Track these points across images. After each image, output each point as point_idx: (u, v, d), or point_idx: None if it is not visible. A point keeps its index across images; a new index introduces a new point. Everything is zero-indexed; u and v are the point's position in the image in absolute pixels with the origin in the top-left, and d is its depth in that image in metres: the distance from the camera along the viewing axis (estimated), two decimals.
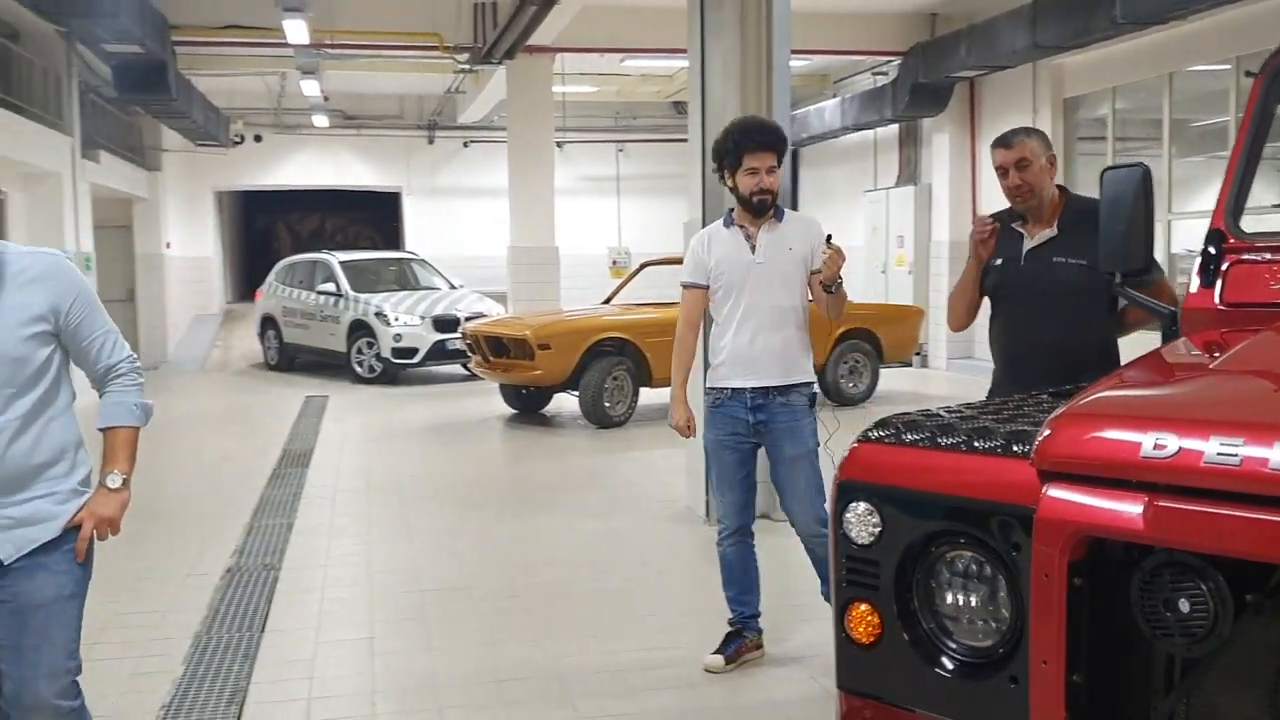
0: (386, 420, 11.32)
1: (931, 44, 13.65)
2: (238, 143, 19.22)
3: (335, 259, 15.59)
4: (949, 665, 1.85)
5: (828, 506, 2.02)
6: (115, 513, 2.83)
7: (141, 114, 15.68)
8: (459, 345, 12.55)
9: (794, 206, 20.54)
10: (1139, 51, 11.39)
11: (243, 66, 15.17)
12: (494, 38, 12.66)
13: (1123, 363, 3.51)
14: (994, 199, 14.38)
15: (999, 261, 3.89)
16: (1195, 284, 2.63)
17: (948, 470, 1.85)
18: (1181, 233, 11.15)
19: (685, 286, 4.39)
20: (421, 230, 20.77)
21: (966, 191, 14.65)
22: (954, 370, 14.18)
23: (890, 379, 12.31)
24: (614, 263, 19.87)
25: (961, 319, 4.02)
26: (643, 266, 12.04)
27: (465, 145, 20.43)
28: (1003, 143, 3.83)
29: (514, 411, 11.42)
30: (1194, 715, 1.66)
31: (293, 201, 28.04)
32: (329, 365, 15.10)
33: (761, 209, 4.18)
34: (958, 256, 14.69)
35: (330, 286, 15.05)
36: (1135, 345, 3.41)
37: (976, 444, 1.85)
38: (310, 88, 15.53)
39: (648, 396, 10.77)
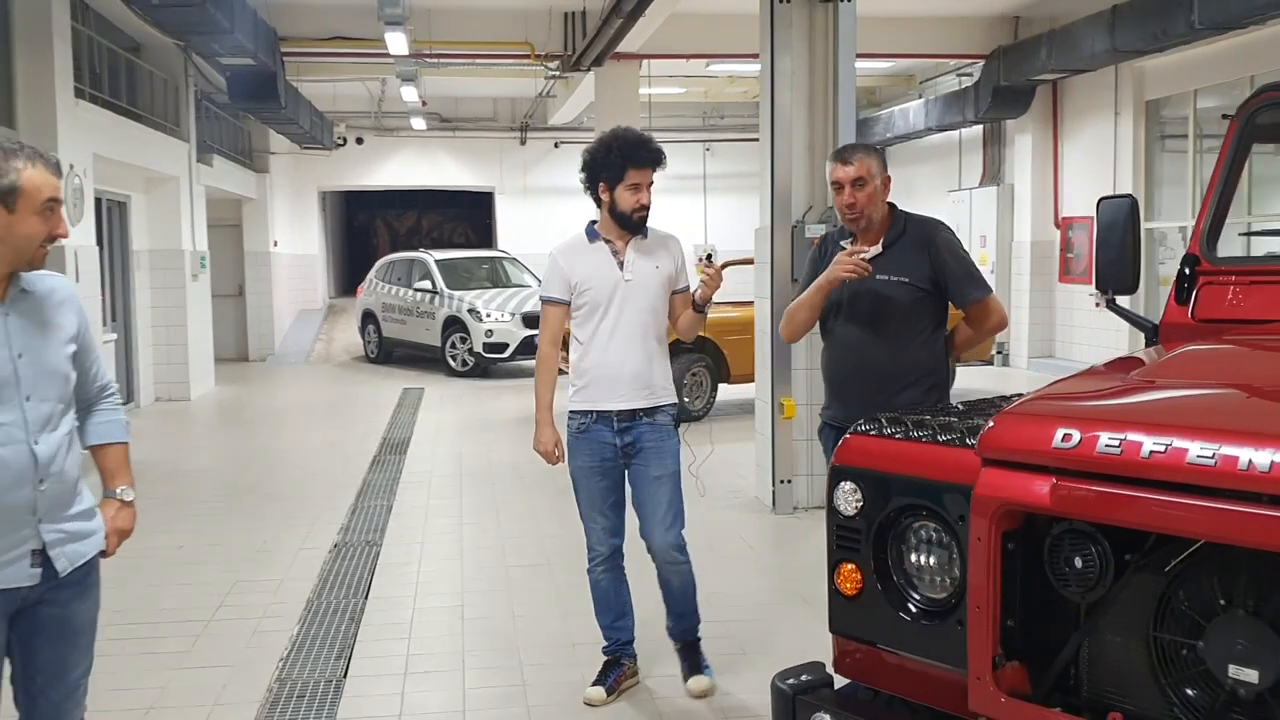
0: (477, 411, 11.92)
1: (1013, 47, 13.80)
2: (340, 145, 20.05)
3: (431, 257, 16.31)
4: (913, 612, 2.28)
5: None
6: (132, 525, 2.88)
7: (251, 119, 16.56)
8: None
9: None
10: (1221, 54, 11.45)
11: (346, 73, 15.91)
12: (583, 46, 13.16)
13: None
14: (1076, 201, 14.51)
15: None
16: (1171, 302, 2.99)
17: (914, 457, 2.27)
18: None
19: (545, 301, 4.16)
20: (513, 228, 21.40)
21: (1049, 192, 14.78)
22: (1035, 369, 14.32)
23: (969, 378, 12.53)
24: (699, 260, 20.29)
25: (799, 332, 3.98)
26: (724, 266, 12.45)
27: (556, 146, 21.01)
28: (840, 158, 3.80)
29: None
30: (1093, 649, 2.07)
31: (391, 200, 29.01)
32: (424, 359, 15.80)
33: (639, 226, 4.03)
34: (1040, 256, 14.85)
35: (426, 284, 15.77)
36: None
37: (939, 437, 2.28)
38: (409, 93, 16.22)
39: (726, 392, 11.19)
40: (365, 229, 31.61)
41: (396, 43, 12.12)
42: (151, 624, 5.07)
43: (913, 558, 2.29)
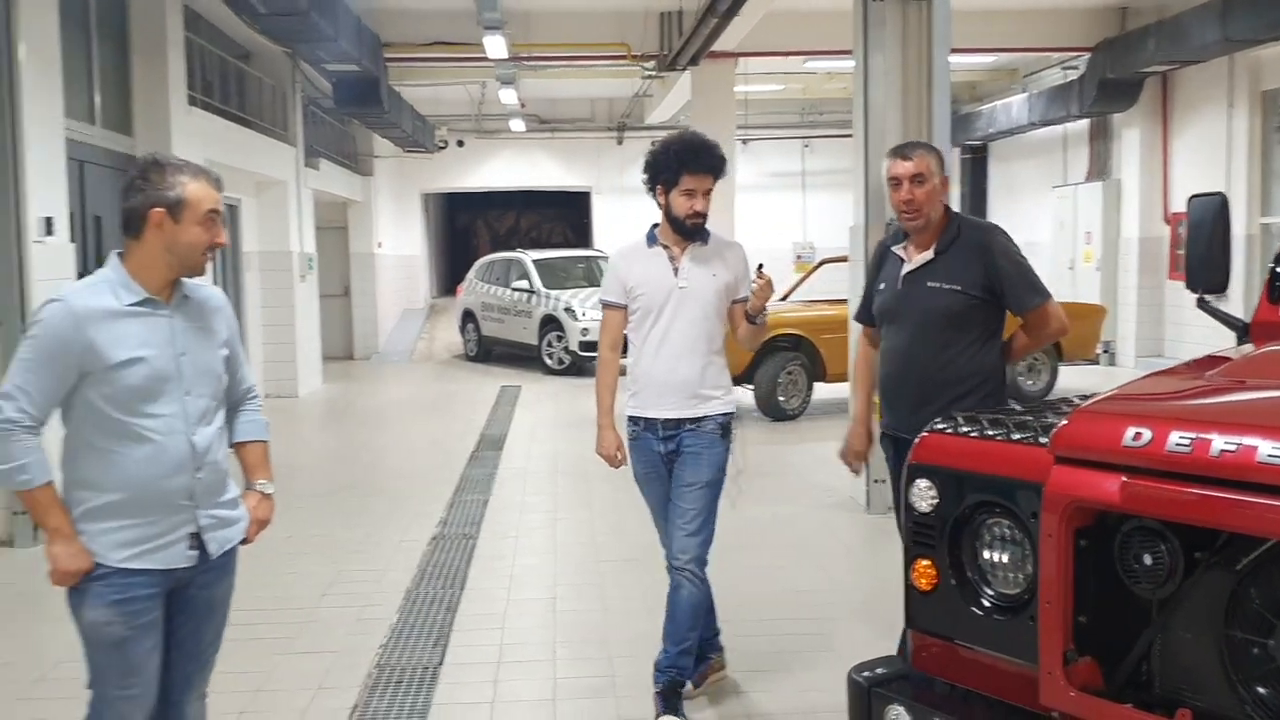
0: (573, 409, 12.08)
1: (1119, 39, 13.49)
2: (442, 148, 20.43)
3: (529, 257, 16.55)
4: (987, 607, 2.30)
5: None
6: (271, 515, 3.10)
7: (356, 124, 16.99)
8: None
9: (983, 203, 20.39)
10: None
11: (446, 77, 16.23)
12: (679, 46, 13.23)
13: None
14: (1186, 196, 14.11)
15: (881, 285, 3.89)
16: (1264, 300, 2.94)
17: (989, 455, 2.30)
18: None
19: (604, 305, 4.13)
20: (609, 228, 21.56)
21: (1158, 188, 14.39)
22: (1143, 368, 13.99)
23: (1074, 376, 12.30)
24: (798, 257, 20.20)
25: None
26: (821, 264, 12.42)
27: (652, 145, 21.13)
28: (899, 153, 3.74)
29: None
30: (1165, 646, 2.07)
31: (491, 201, 29.44)
32: (522, 357, 16.05)
33: (693, 233, 3.95)
34: (1147, 253, 14.47)
35: (524, 283, 16.01)
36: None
37: (1013, 435, 2.30)
38: (508, 96, 16.48)
39: (822, 391, 11.16)
40: (466, 230, 32.13)
41: (495, 47, 12.34)
42: (260, 610, 5.28)
43: (986, 554, 2.32)
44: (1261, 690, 1.93)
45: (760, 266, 3.88)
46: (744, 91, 16.03)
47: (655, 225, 4.08)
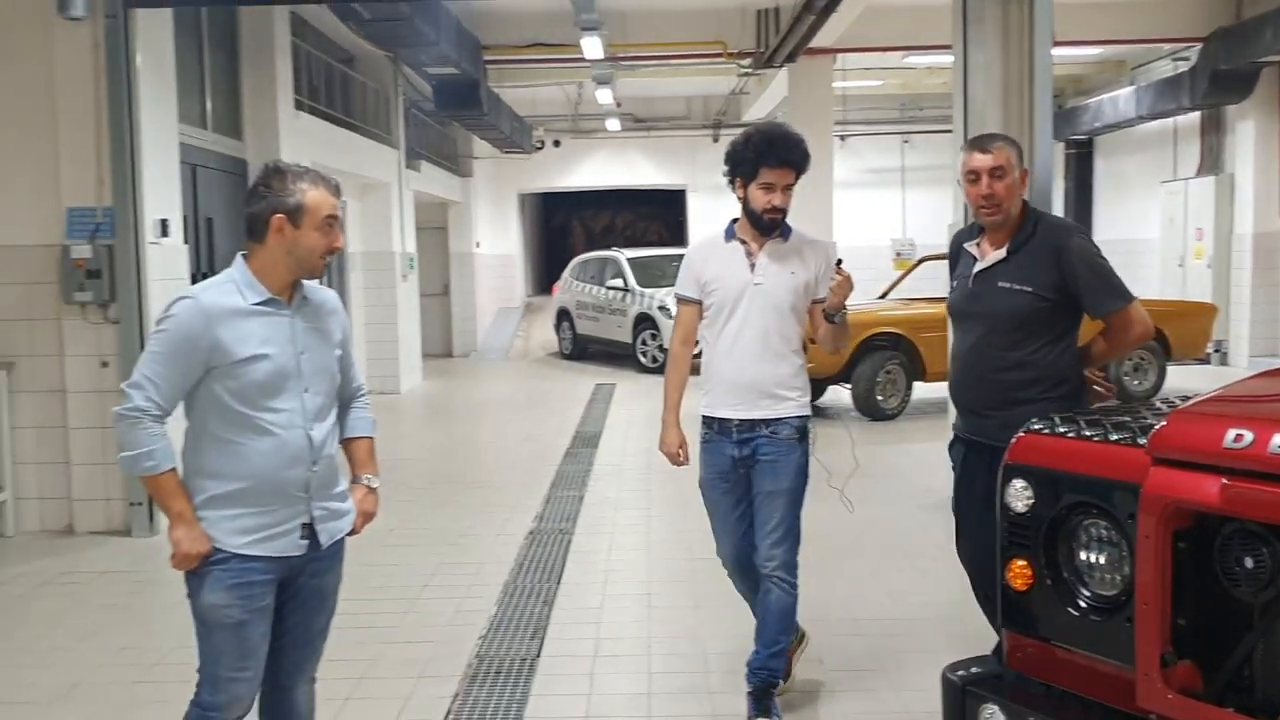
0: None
1: (1234, 28, 13.05)
2: (539, 148, 20.67)
3: (623, 256, 16.66)
4: (1083, 608, 2.28)
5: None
6: (376, 509, 3.21)
7: (456, 126, 17.28)
8: None
9: (1088, 199, 19.92)
10: None
11: (544, 78, 16.41)
12: (775, 43, 13.19)
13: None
14: None
15: (955, 282, 3.77)
16: None
17: (1086, 456, 2.27)
18: None
19: (677, 300, 4.07)
20: (705, 226, 21.57)
21: (1274, 182, 13.90)
22: (1256, 369, 13.54)
23: (1183, 377, 11.98)
24: (897, 255, 19.95)
25: None
26: (921, 261, 12.28)
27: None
28: (978, 146, 3.60)
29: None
30: (1268, 650, 2.04)
31: (586, 200, 29.67)
32: (616, 355, 16.16)
33: (770, 228, 3.83)
34: (1263, 250, 14.00)
35: (619, 282, 16.12)
36: None
37: (1111, 436, 2.27)
38: (604, 96, 16.59)
39: (921, 391, 11.04)
40: (562, 229, 32.44)
41: (592, 47, 12.45)
42: (365, 600, 5.43)
43: (1083, 555, 2.30)
44: None
45: (839, 262, 3.78)
46: (842, 87, 15.90)
47: (735, 220, 3.97)
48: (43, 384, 7.01)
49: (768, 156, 3.76)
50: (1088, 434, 2.33)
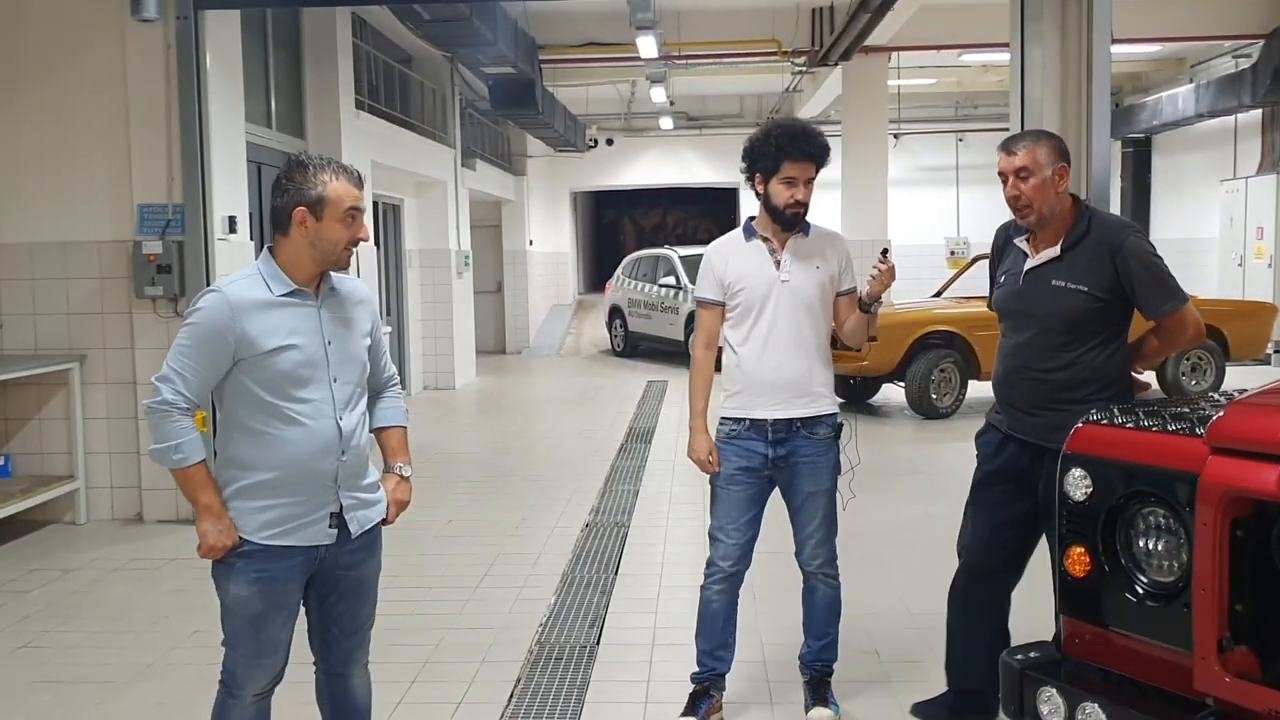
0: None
1: None
2: (592, 147, 20.80)
3: (676, 254, 16.73)
4: (1140, 594, 2.33)
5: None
6: (409, 497, 3.23)
7: (510, 125, 17.45)
8: None
9: (1146, 198, 19.75)
10: None
11: (598, 77, 16.53)
12: (830, 42, 13.21)
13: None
14: None
15: (1002, 278, 3.71)
16: None
17: (1144, 446, 2.32)
18: None
19: (699, 303, 3.97)
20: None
21: None
22: None
23: (1242, 376, 11.81)
24: (951, 253, 19.85)
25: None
26: (975, 260, 12.22)
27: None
28: (1004, 147, 3.56)
29: (841, 400, 11.95)
30: None
31: (638, 199, 29.78)
32: (668, 352, 16.24)
33: (792, 223, 3.78)
34: None
35: (671, 280, 16.20)
36: None
37: (1169, 426, 2.31)
38: (658, 94, 16.68)
39: (976, 389, 11.01)
40: (613, 227, 32.56)
41: (647, 46, 12.52)
42: (425, 589, 5.58)
43: (1141, 542, 2.35)
44: None
45: (885, 251, 3.76)
46: (896, 85, 15.87)
47: (752, 218, 3.93)
48: (114, 375, 7.22)
49: (790, 150, 3.72)
50: (1146, 424, 2.37)
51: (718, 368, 3.95)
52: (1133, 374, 3.64)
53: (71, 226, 7.19)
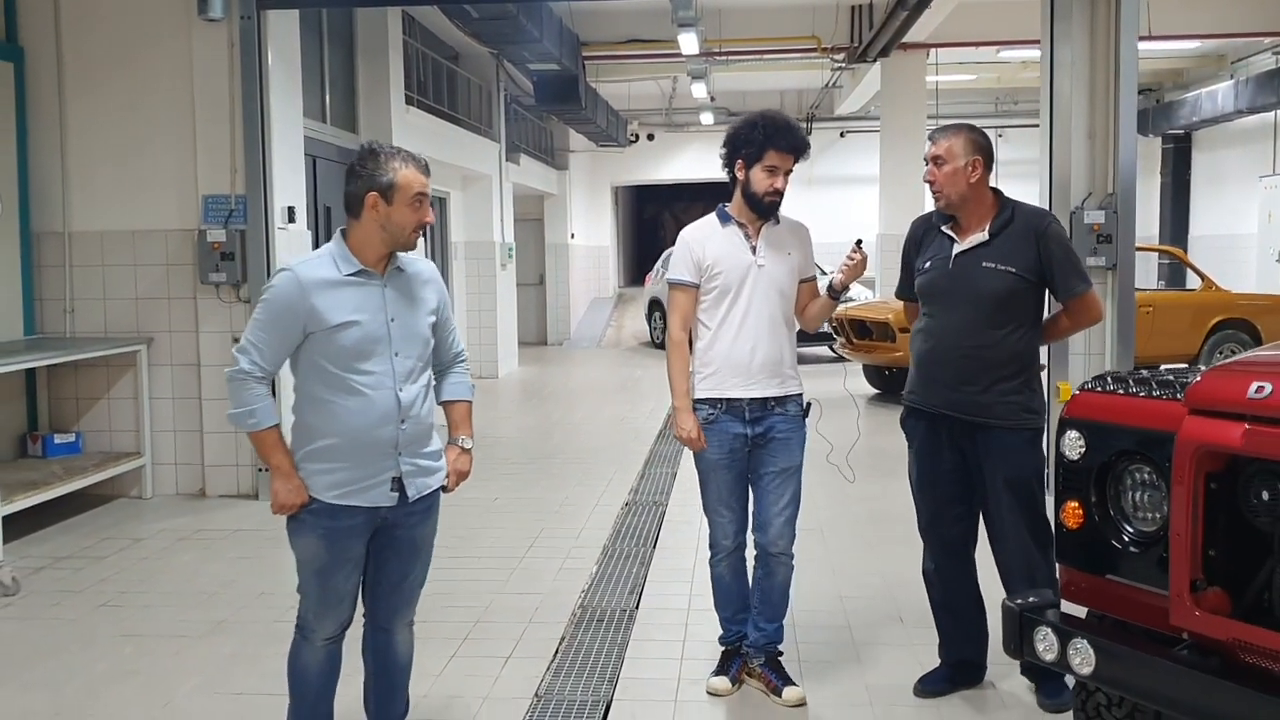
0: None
1: None
2: (633, 142, 21.09)
3: None
4: (1126, 542, 2.59)
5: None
6: (469, 468, 3.47)
7: (553, 120, 17.77)
8: (826, 328, 13.47)
9: (1185, 194, 19.70)
10: None
11: (639, 73, 16.81)
12: (869, 38, 13.40)
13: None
14: None
15: (928, 264, 3.92)
16: None
17: (1131, 409, 2.57)
18: None
19: (673, 285, 4.05)
20: (797, 218, 21.72)
21: None
22: None
23: None
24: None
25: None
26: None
27: (841, 136, 21.21)
28: (930, 136, 3.91)
29: (876, 391, 12.19)
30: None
31: (678, 193, 29.99)
32: None
33: (769, 210, 3.95)
34: None
35: None
36: None
37: (1154, 393, 2.57)
38: (699, 90, 16.90)
39: None
40: (653, 221, 32.83)
41: (689, 43, 12.76)
42: (475, 558, 5.91)
43: (1128, 496, 2.60)
44: None
45: (859, 242, 3.94)
46: (934, 81, 16.01)
47: (724, 205, 4.07)
48: (179, 358, 7.60)
49: (776, 140, 3.87)
50: (1134, 391, 2.63)
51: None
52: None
53: (140, 216, 7.58)
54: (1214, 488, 2.36)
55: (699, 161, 22.39)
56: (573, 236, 19.71)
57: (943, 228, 3.93)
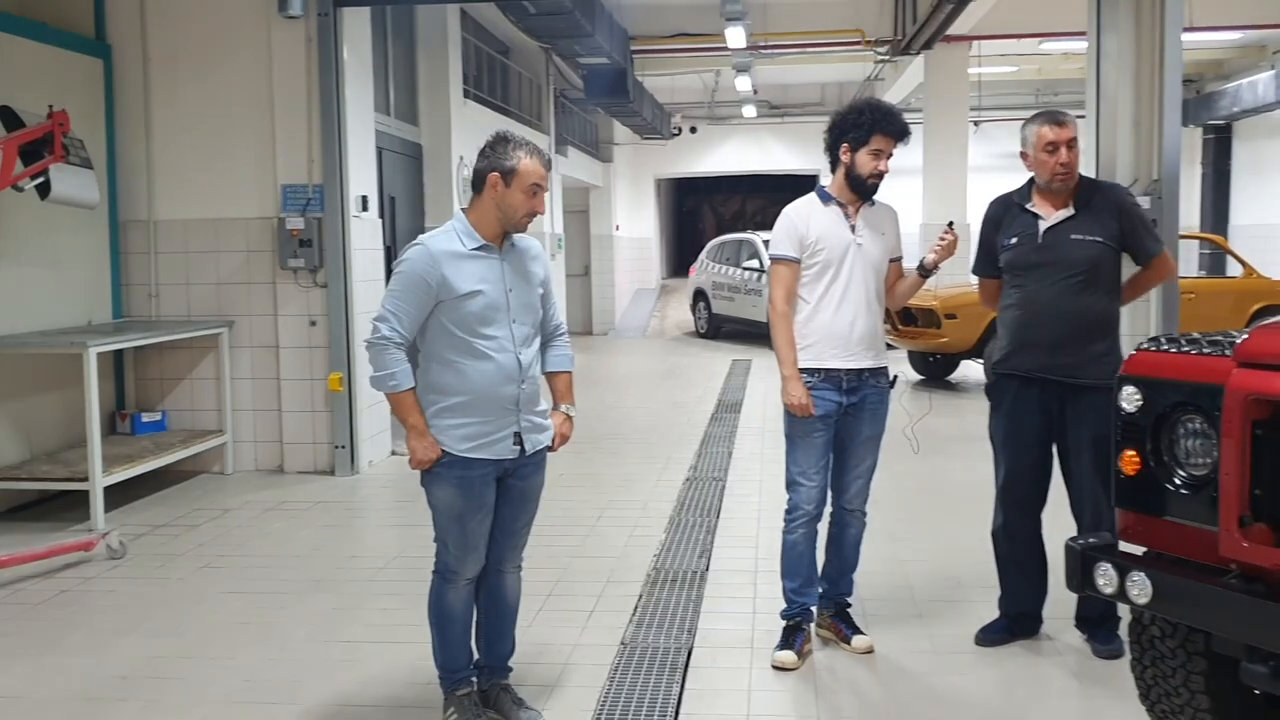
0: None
1: None
2: (676, 134, 21.37)
3: (759, 238, 17.26)
4: (1178, 485, 2.87)
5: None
6: (571, 432, 3.80)
7: (599, 113, 18.08)
8: None
9: (1225, 183, 19.74)
10: None
11: (684, 67, 17.07)
12: (913, 31, 13.59)
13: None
14: None
15: (1014, 240, 4.24)
16: None
17: (1184, 365, 2.84)
18: None
19: (778, 260, 4.22)
20: None
21: None
22: None
23: None
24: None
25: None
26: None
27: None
28: (1054, 120, 4.18)
29: (921, 377, 12.43)
30: None
31: (718, 185, 30.32)
32: (751, 334, 16.76)
33: (871, 191, 4.19)
34: None
35: (754, 263, 16.74)
36: None
37: (1205, 350, 2.85)
38: (743, 83, 17.16)
39: None
40: (693, 213, 33.14)
41: (735, 37, 13.04)
42: (549, 526, 6.14)
43: (1181, 444, 2.88)
44: None
45: (951, 224, 4.23)
46: (977, 73, 16.17)
47: (823, 185, 4.31)
48: (259, 340, 7.99)
49: (884, 124, 4.12)
50: (1187, 349, 2.91)
51: None
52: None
53: (221, 205, 7.97)
54: (1259, 434, 2.64)
55: (741, 153, 22.66)
56: (618, 228, 20.02)
57: (1029, 206, 4.27)
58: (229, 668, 4.35)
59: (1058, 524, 4.40)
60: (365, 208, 8.12)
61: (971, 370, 12.03)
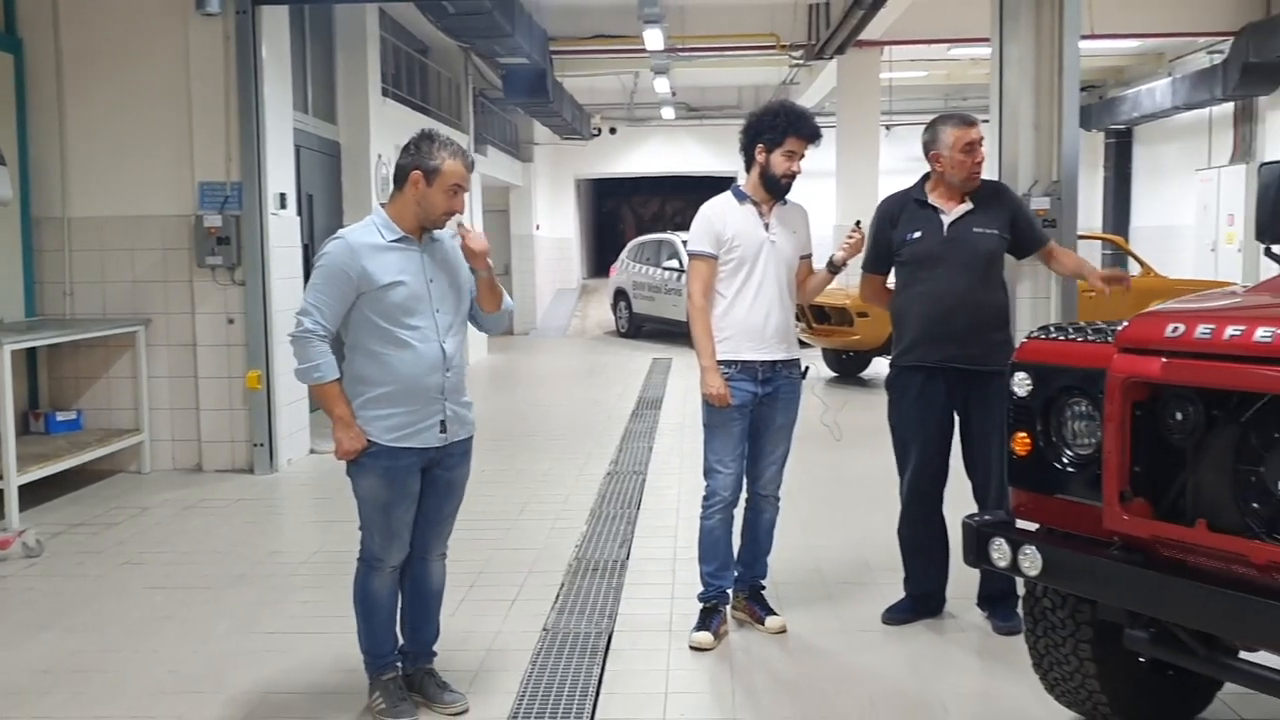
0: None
1: (1264, 23, 13.61)
2: (596, 135, 21.49)
3: (678, 239, 17.44)
4: (1066, 464, 3.08)
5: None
6: (485, 249, 3.75)
7: (519, 113, 18.12)
8: None
9: (1126, 186, 20.26)
10: None
11: (603, 68, 17.20)
12: (826, 36, 13.88)
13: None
14: None
15: (917, 234, 4.41)
16: None
17: (1070, 352, 3.06)
18: None
19: (696, 256, 4.39)
20: None
21: None
22: None
23: None
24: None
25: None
26: None
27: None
28: (970, 122, 4.38)
29: (834, 374, 12.71)
30: (1193, 485, 2.81)
31: (637, 186, 30.51)
32: (671, 333, 16.95)
33: (784, 191, 4.36)
34: None
35: (674, 263, 16.91)
36: None
37: (1090, 337, 3.06)
38: (661, 85, 17.34)
39: None
40: (613, 214, 33.29)
41: (654, 39, 13.20)
42: (471, 520, 6.15)
43: (1068, 425, 3.09)
44: (1255, 506, 2.67)
45: (858, 223, 4.44)
46: (888, 78, 16.55)
47: (738, 185, 4.47)
48: (176, 338, 7.94)
49: (798, 127, 4.29)
50: (1073, 337, 3.12)
51: None
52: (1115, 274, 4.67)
53: (137, 202, 7.90)
54: (1138, 414, 2.85)
55: (660, 154, 22.88)
56: (537, 228, 20.08)
57: (928, 201, 4.46)
58: (152, 660, 4.37)
59: (958, 508, 4.60)
60: (283, 205, 8.11)
61: (883, 367, 12.32)
